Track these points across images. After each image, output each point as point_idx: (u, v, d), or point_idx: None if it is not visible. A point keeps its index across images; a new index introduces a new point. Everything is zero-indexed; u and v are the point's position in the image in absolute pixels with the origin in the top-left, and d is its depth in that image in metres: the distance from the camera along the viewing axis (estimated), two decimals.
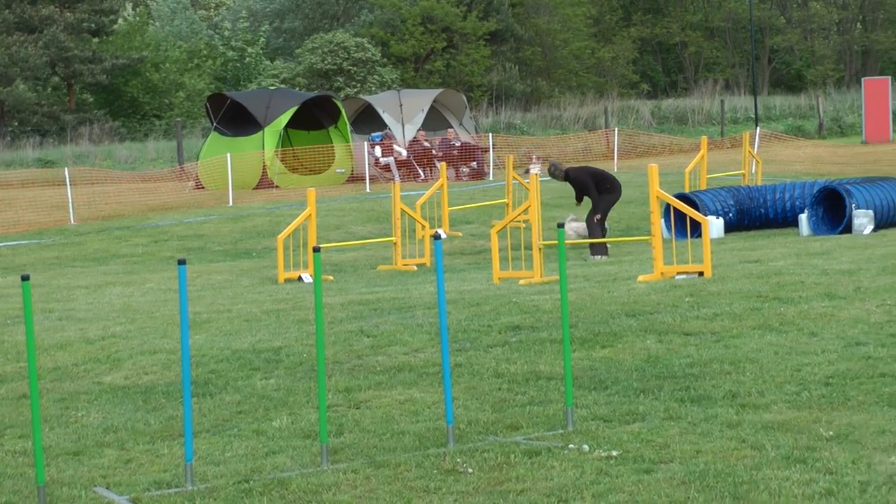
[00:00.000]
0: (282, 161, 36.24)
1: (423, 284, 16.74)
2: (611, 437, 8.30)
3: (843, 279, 14.07)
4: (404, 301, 14.70)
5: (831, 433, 7.97)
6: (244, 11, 66.83)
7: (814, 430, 8.06)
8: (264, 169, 35.37)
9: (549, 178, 21.44)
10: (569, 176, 20.63)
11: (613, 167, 39.44)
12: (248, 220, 28.21)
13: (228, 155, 33.28)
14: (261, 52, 62.75)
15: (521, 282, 16.34)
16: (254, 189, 34.58)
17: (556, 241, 9.61)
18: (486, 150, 38.53)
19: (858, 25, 78.39)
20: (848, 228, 20.69)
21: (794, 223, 22.07)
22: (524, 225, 18.67)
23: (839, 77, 74.01)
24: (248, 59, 62.21)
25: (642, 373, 10.08)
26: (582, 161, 40.37)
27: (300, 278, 19.06)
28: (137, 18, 64.21)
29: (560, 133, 51.46)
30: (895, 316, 11.65)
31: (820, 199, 21.54)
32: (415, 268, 20.51)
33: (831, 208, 21.49)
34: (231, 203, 31.48)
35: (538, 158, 37.50)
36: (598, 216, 20.26)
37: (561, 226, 9.89)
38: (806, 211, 21.60)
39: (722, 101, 57.37)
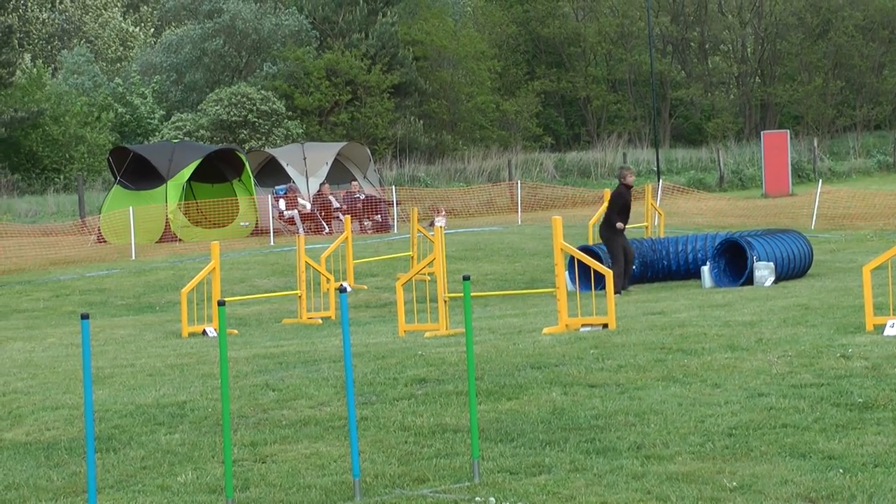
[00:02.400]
0: (185, 214, 36.03)
1: (329, 337, 16.69)
2: (517, 489, 8.30)
3: (745, 331, 14.23)
4: (310, 354, 14.64)
5: (735, 484, 8.03)
6: (136, 66, 66.53)
7: (717, 481, 8.12)
8: (167, 222, 35.13)
9: (453, 230, 21.51)
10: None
11: (517, 220, 39.68)
12: (152, 274, 27.98)
13: (131, 208, 33.03)
14: (153, 104, 62.38)
15: (427, 334, 16.33)
16: (157, 243, 34.33)
17: (461, 294, 9.62)
18: (391, 203, 38.58)
19: (757, 79, 79.63)
20: (749, 280, 20.94)
21: (697, 275, 22.30)
22: (429, 277, 18.69)
23: (739, 130, 75.07)
24: (139, 112, 61.89)
25: (548, 425, 10.10)
26: (486, 214, 40.58)
27: (204, 332, 18.92)
28: (36, 71, 63.61)
29: (464, 186, 51.65)
30: (796, 367, 11.80)
31: (722, 251, 21.79)
32: (320, 321, 20.44)
33: (733, 260, 21.75)
34: (134, 257, 31.21)
35: (443, 211, 37.64)
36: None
37: (467, 278, 9.86)
38: (708, 263, 21.83)
39: (624, 154, 58.02)
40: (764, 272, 20.87)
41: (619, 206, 21.80)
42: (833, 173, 57.44)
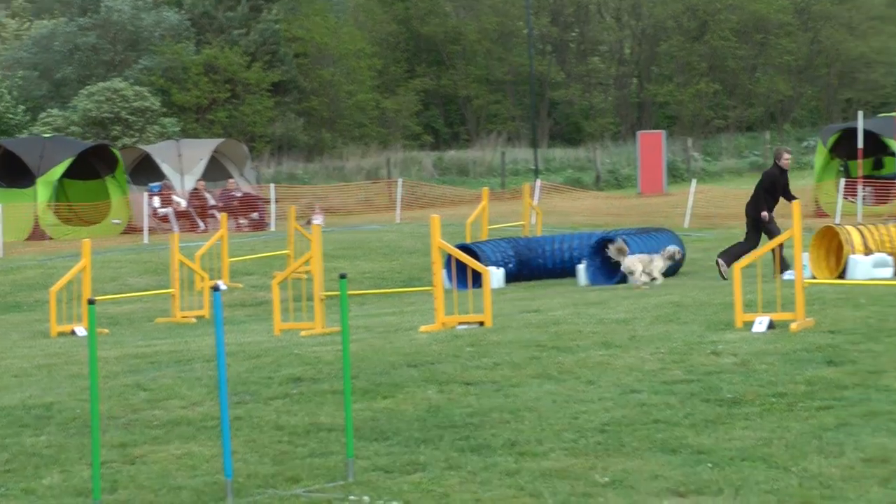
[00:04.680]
0: (55, 213, 35.46)
1: (203, 337, 16.52)
2: (391, 487, 8.28)
3: (618, 328, 14.34)
4: (183, 354, 14.48)
5: (607, 479, 8.08)
6: None
7: (590, 477, 8.17)
8: (36, 220, 34.55)
9: (331, 228, 21.46)
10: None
11: (396, 218, 39.68)
12: (19, 273, 27.49)
13: (0, 206, 32.44)
14: (12, 101, 60.94)
15: (303, 333, 16.24)
16: (26, 240, 33.75)
17: (338, 292, 9.57)
18: (268, 201, 38.36)
19: (635, 80, 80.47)
20: (624, 279, 21.12)
21: (573, 273, 22.44)
22: (306, 276, 18.59)
23: (616, 130, 75.82)
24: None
25: (423, 423, 10.09)
26: (365, 212, 40.51)
27: (74, 332, 18.62)
28: None
29: (343, 183, 51.53)
30: (668, 364, 11.92)
31: (597, 249, 21.95)
32: (194, 320, 20.25)
33: (609, 259, 21.91)
34: (1, 255, 30.64)
35: (321, 209, 37.51)
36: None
37: (343, 276, 9.78)
38: (584, 261, 21.98)
39: (503, 153, 58.27)
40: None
41: (771, 187, 20.73)
42: (706, 173, 58.27)
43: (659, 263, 20.13)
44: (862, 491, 7.56)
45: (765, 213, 20.50)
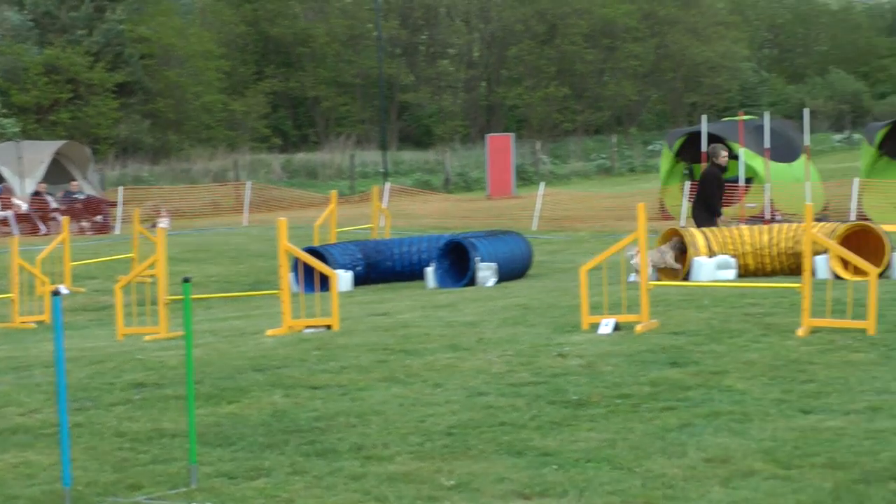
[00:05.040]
0: None
1: (42, 342, 16.18)
2: (235, 493, 8.16)
3: (466, 331, 14.37)
4: (21, 360, 14.15)
5: (453, 482, 8.07)
6: None
7: (436, 480, 8.14)
8: None
9: (177, 231, 21.20)
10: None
11: (244, 221, 39.37)
12: None
13: None
14: None
15: (147, 338, 16.00)
16: None
17: (182, 296, 9.43)
18: (113, 204, 37.78)
19: (484, 83, 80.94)
20: (472, 281, 21.19)
21: (422, 276, 22.45)
22: (150, 280, 18.32)
23: (466, 133, 76.19)
24: None
25: (269, 428, 9.98)
26: (212, 215, 40.12)
27: None
28: None
29: (189, 186, 50.99)
30: (515, 366, 11.96)
31: (446, 252, 21.99)
32: (34, 325, 19.83)
33: (457, 261, 21.97)
34: None
35: (167, 212, 37.06)
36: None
37: (187, 280, 9.62)
38: (432, 264, 22.01)
39: (352, 156, 58.20)
40: (486, 273, 21.16)
41: (717, 187, 20.61)
42: (555, 176, 58.84)
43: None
44: (703, 491, 7.64)
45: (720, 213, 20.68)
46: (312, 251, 21.60)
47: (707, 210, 20.62)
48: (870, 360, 11.64)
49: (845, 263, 17.47)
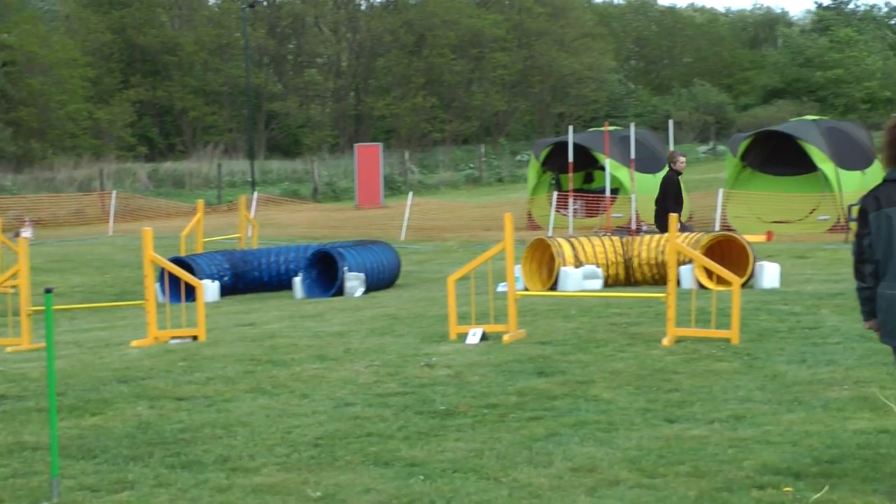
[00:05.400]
0: None
1: None
2: None
3: (334, 341, 14.33)
4: None
5: (319, 494, 8.02)
6: None
7: (302, 492, 8.09)
8: None
9: (41, 241, 20.84)
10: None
11: (109, 231, 38.85)
12: None
13: None
14: None
15: (9, 349, 15.70)
16: None
17: (44, 307, 9.25)
18: None
19: (353, 93, 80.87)
20: (340, 291, 21.14)
21: (289, 286, 22.35)
22: (13, 290, 17.99)
23: (334, 143, 76.04)
24: None
25: (133, 440, 9.84)
26: (76, 224, 39.55)
27: None
28: None
29: (54, 195, 50.20)
30: (383, 376, 11.95)
31: (314, 261, 21.91)
32: None
33: (325, 271, 21.90)
34: None
35: (30, 222, 36.44)
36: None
37: (49, 291, 9.47)
38: (300, 274, 21.91)
39: (220, 165, 57.74)
40: (354, 283, 21.12)
41: (675, 194, 20.60)
42: (423, 186, 58.97)
43: None
44: (570, 500, 7.68)
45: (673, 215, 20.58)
46: (179, 261, 21.38)
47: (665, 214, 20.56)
48: (733, 369, 11.82)
49: (710, 273, 17.73)
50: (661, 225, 20.59)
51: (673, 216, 14.29)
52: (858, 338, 13.23)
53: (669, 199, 20.57)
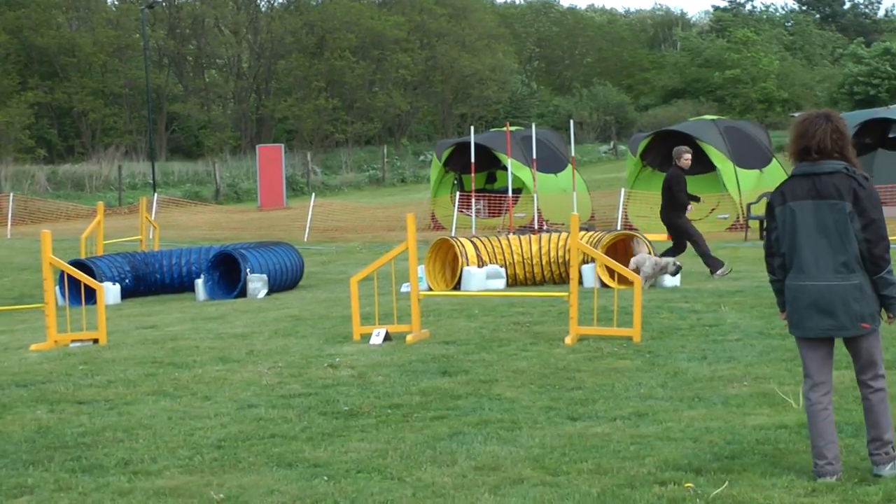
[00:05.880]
0: None
1: None
2: None
3: (237, 343, 14.26)
4: None
5: (222, 496, 7.97)
6: None
7: (205, 494, 8.03)
8: None
9: None
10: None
11: (7, 234, 38.33)
12: None
13: None
14: None
15: None
16: None
17: None
18: None
19: (254, 95, 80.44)
20: (243, 293, 21.02)
21: (192, 288, 22.18)
22: None
23: (236, 144, 75.60)
24: None
25: (32, 444, 9.71)
26: None
27: None
28: None
29: None
30: (286, 378, 11.90)
31: (216, 263, 21.77)
32: None
33: (227, 273, 21.77)
34: None
35: None
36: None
37: None
38: (202, 276, 21.76)
39: (120, 167, 57.17)
40: (257, 284, 21.01)
41: (684, 188, 20.33)
42: (326, 187, 58.81)
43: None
44: (473, 499, 7.70)
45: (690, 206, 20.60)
46: (79, 264, 21.14)
47: (675, 209, 20.28)
48: (635, 366, 11.91)
49: (612, 272, 17.86)
50: (671, 221, 20.40)
51: (575, 216, 14.38)
52: (758, 335, 13.41)
53: (678, 194, 20.36)
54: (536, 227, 30.15)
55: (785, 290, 7.84)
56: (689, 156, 20.84)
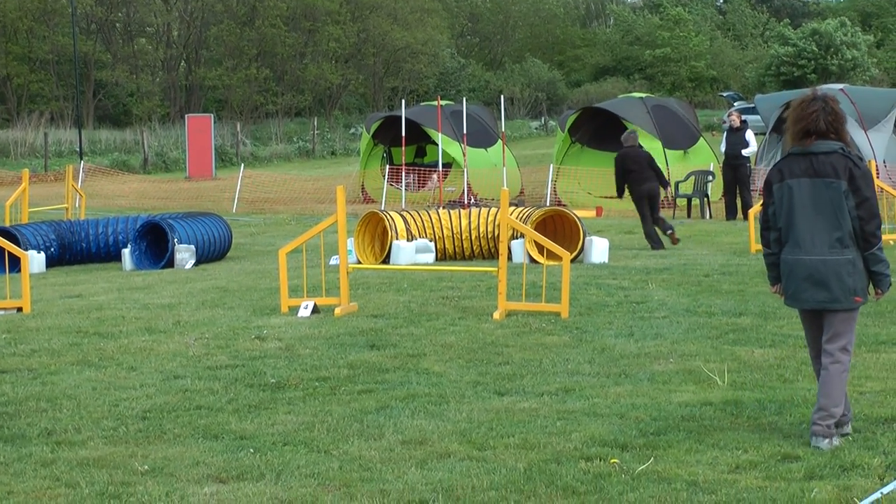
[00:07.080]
0: None
1: None
2: None
3: (163, 313, 14.16)
4: None
5: (146, 467, 7.91)
6: None
7: (129, 465, 7.97)
8: None
9: None
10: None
11: None
12: None
13: None
14: None
15: None
16: None
17: None
18: None
19: (183, 63, 79.79)
20: (171, 263, 20.86)
21: (118, 258, 21.97)
22: None
23: (165, 113, 74.98)
24: None
25: None
26: None
27: None
28: None
29: None
30: (213, 349, 11.84)
31: (143, 233, 21.58)
32: None
33: (155, 243, 21.58)
34: None
35: None
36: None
37: None
38: (129, 245, 21.56)
39: (46, 134, 56.51)
40: (185, 255, 20.85)
41: (651, 161, 21.10)
42: (255, 158, 58.49)
43: None
44: (400, 472, 7.70)
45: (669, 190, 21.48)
46: (3, 231, 20.89)
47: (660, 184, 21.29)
48: (563, 342, 11.96)
49: (541, 248, 17.90)
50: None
51: (505, 191, 14.38)
52: (684, 312, 13.50)
53: (658, 170, 21.27)
54: (466, 201, 30.15)
55: (781, 263, 8.19)
56: (635, 135, 21.60)
